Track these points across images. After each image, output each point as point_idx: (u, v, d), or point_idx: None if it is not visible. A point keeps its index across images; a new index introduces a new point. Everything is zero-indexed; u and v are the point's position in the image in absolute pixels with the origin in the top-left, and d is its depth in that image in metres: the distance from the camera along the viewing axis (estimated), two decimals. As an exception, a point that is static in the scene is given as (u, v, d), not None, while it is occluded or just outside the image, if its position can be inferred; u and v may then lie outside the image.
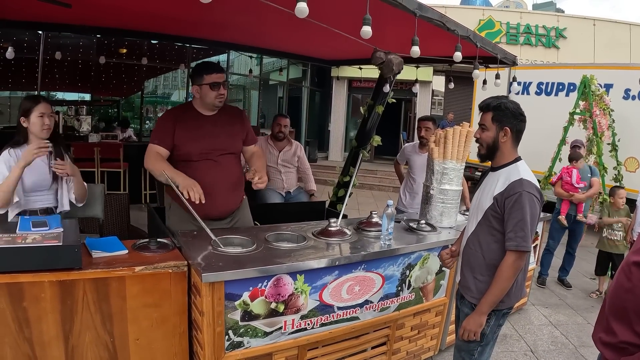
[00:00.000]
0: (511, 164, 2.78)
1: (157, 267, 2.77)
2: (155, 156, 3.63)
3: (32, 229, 2.70)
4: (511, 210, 2.63)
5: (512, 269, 2.64)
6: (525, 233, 2.59)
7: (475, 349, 2.86)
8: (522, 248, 2.59)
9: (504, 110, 2.73)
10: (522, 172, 2.70)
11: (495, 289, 2.68)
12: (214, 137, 3.73)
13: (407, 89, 15.95)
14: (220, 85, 3.64)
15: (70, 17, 4.55)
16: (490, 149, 2.81)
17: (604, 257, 6.32)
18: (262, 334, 2.91)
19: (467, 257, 2.92)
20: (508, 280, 2.65)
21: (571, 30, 18.26)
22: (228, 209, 3.89)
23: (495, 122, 2.76)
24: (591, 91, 9.04)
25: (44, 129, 3.42)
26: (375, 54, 4.30)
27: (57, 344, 2.60)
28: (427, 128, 5.34)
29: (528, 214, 2.60)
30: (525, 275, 2.88)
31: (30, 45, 9.93)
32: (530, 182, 2.65)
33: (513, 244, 2.61)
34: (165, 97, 16.23)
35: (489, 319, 2.79)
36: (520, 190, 2.62)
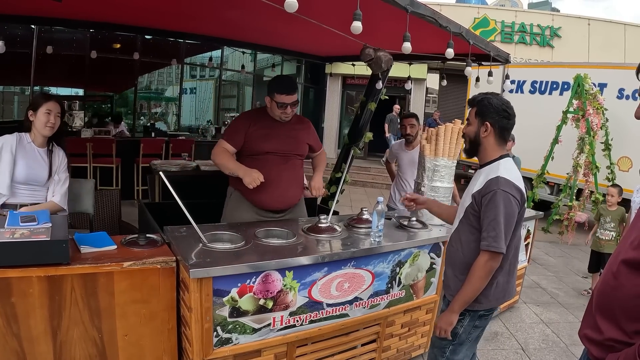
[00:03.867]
0: (494, 161, 2.73)
1: (146, 263, 2.76)
2: (223, 151, 3.89)
3: (20, 223, 2.68)
4: (486, 209, 2.59)
5: (483, 269, 2.58)
6: (497, 233, 2.53)
7: (447, 347, 2.84)
8: (493, 248, 2.53)
9: (486, 105, 2.70)
10: (501, 170, 2.64)
11: (466, 288, 2.63)
12: (282, 139, 3.96)
13: (400, 86, 15.90)
14: (287, 106, 3.88)
15: (63, 11, 4.53)
16: (473, 144, 2.80)
17: (596, 256, 6.33)
18: (250, 331, 2.90)
19: (450, 254, 2.90)
20: (480, 280, 2.60)
21: (566, 30, 18.28)
22: (285, 203, 4.09)
23: (477, 117, 2.74)
24: (585, 90, 9.06)
25: (47, 125, 3.45)
26: (365, 50, 4.30)
27: (46, 339, 2.59)
28: (412, 125, 5.37)
29: (502, 213, 2.53)
30: (509, 278, 2.79)
31: (23, 40, 9.87)
32: (507, 181, 2.58)
33: (485, 243, 2.56)
34: (159, 93, 16.21)
35: (463, 319, 2.76)
36: (495, 188, 2.56)
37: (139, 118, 14.02)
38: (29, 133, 3.49)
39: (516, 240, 2.72)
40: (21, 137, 3.46)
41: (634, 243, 1.64)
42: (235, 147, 3.91)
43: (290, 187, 4.07)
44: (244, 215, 3.96)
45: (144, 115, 14.87)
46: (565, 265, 7.75)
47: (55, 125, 3.49)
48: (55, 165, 3.59)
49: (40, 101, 3.44)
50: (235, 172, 3.75)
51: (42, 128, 3.44)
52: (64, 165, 3.67)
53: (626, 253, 1.67)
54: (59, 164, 3.62)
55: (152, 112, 15.73)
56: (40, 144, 3.52)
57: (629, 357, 1.54)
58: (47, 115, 3.42)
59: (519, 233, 2.75)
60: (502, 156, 2.73)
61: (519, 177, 2.67)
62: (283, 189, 4.00)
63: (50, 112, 3.43)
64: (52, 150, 3.59)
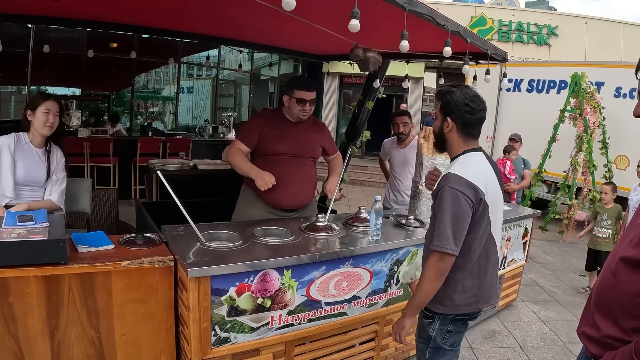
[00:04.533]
0: (458, 157, 2.61)
1: (143, 262, 2.75)
2: (236, 151, 3.96)
3: (17, 223, 2.68)
4: (436, 207, 2.50)
5: (431, 270, 2.43)
6: (441, 232, 2.39)
7: (425, 350, 2.72)
8: (436, 247, 2.39)
9: (448, 99, 2.57)
10: (455, 166, 2.52)
11: (418, 290, 2.51)
12: (296, 141, 4.01)
13: (398, 85, 15.92)
14: (307, 103, 3.90)
15: (60, 10, 4.51)
16: (438, 139, 2.70)
17: (593, 254, 6.34)
18: (248, 330, 2.90)
19: (424, 253, 2.72)
20: (429, 282, 2.45)
21: (563, 28, 18.29)
22: (297, 203, 4.14)
23: (441, 112, 2.63)
24: (582, 89, 9.07)
25: (46, 125, 3.43)
26: (354, 50, 4.30)
27: (43, 339, 2.58)
28: (405, 123, 5.28)
29: (448, 211, 2.38)
30: (480, 282, 2.61)
31: (20, 39, 9.84)
32: (457, 177, 2.42)
33: (432, 242, 2.43)
34: (156, 92, 16.19)
35: (433, 322, 2.64)
36: (443, 185, 2.45)
37: (136, 117, 14.00)
38: (27, 133, 3.47)
39: (481, 241, 2.55)
40: (19, 137, 3.43)
41: (633, 241, 1.64)
42: (250, 147, 3.97)
43: (302, 187, 4.11)
44: (256, 213, 4.02)
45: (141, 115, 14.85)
46: (562, 263, 7.75)
47: (54, 124, 3.47)
48: (54, 165, 3.58)
49: (39, 100, 3.42)
50: (247, 173, 3.82)
51: (42, 128, 3.42)
52: (62, 164, 3.66)
53: (625, 251, 1.66)
54: (57, 163, 3.61)
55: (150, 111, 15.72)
56: (38, 144, 3.50)
57: (625, 355, 1.54)
58: (46, 114, 3.40)
59: (486, 234, 2.56)
60: (467, 151, 2.60)
61: (478, 173, 2.50)
62: (295, 189, 4.04)
63: (49, 112, 3.41)
64: (50, 150, 3.58)
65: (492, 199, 2.52)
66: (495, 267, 2.68)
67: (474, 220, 2.44)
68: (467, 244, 2.45)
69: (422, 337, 2.72)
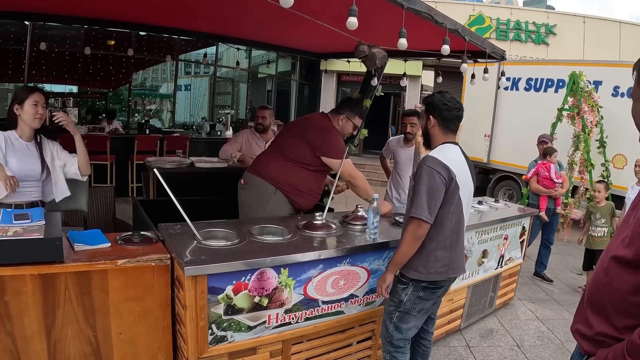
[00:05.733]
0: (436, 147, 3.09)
1: (140, 261, 2.74)
2: None
3: (13, 221, 2.67)
4: (414, 183, 2.95)
5: (409, 234, 2.89)
6: (417, 201, 2.85)
7: (394, 313, 3.13)
8: (413, 214, 2.84)
9: (430, 102, 3.11)
10: (434, 152, 3.00)
11: (397, 250, 2.97)
12: None
13: (395, 83, 15.94)
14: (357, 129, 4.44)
15: (57, 7, 4.50)
16: (425, 136, 3.19)
17: (589, 253, 6.34)
18: (245, 328, 2.89)
19: (402, 230, 3.12)
20: (407, 244, 2.91)
21: (561, 27, 18.30)
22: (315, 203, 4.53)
23: (425, 113, 3.14)
24: (580, 88, 9.07)
25: (36, 117, 3.41)
26: (359, 47, 4.28)
27: (40, 338, 2.58)
28: (413, 124, 5.31)
29: (424, 184, 2.85)
30: (452, 254, 3.03)
31: (17, 37, 9.83)
32: (434, 159, 2.91)
33: (410, 210, 2.90)
34: (153, 90, 16.14)
35: (406, 287, 3.05)
36: (422, 164, 2.92)
37: (133, 115, 13.96)
38: (14, 130, 3.44)
39: (454, 217, 2.99)
40: (7, 136, 3.39)
41: (625, 240, 1.66)
42: None
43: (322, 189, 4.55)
44: (284, 214, 4.21)
45: (139, 112, 14.79)
46: (560, 262, 7.76)
47: (43, 116, 3.46)
48: (48, 155, 3.56)
49: (26, 94, 3.39)
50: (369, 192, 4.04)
51: (31, 120, 3.40)
52: (58, 148, 3.66)
53: (616, 250, 1.69)
54: (54, 151, 3.60)
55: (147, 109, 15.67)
56: (28, 138, 3.47)
57: (617, 354, 1.56)
58: (34, 106, 3.38)
59: (458, 211, 3.00)
60: (444, 143, 3.08)
61: (451, 159, 2.96)
62: (321, 191, 4.50)
63: (38, 103, 3.39)
64: (41, 142, 3.55)
65: (462, 181, 2.98)
66: (462, 244, 3.17)
67: (446, 196, 2.90)
68: (440, 217, 2.92)
69: (394, 301, 3.12)
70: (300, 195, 4.21)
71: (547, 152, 6.79)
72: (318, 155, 4.10)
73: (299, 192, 4.20)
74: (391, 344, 3.17)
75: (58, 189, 3.64)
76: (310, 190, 4.28)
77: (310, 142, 4.11)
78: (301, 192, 4.21)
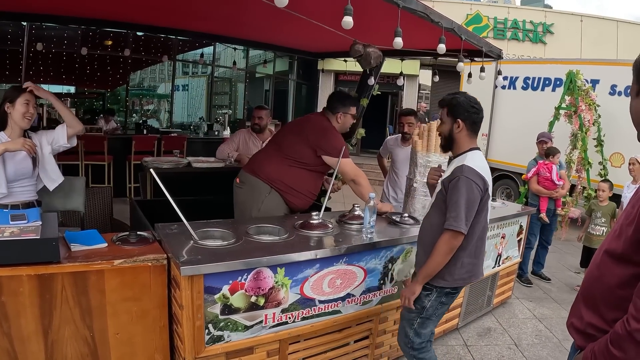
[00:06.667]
0: (464, 153, 2.98)
1: (137, 261, 2.74)
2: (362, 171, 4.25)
3: (10, 222, 2.67)
4: (450, 193, 2.85)
5: (444, 245, 2.83)
6: (457, 214, 2.78)
7: (415, 320, 3.09)
8: (452, 227, 2.77)
9: (456, 104, 2.96)
10: (467, 160, 2.89)
11: (430, 261, 2.88)
12: None
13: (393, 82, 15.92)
14: None
15: (54, 8, 4.50)
16: (447, 140, 3.05)
17: (587, 251, 6.34)
18: (242, 328, 2.89)
19: (421, 235, 3.13)
20: (441, 255, 2.85)
21: (558, 26, 18.31)
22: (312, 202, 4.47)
23: (449, 116, 2.99)
24: (577, 86, 9.07)
25: (26, 117, 3.42)
26: (354, 46, 4.28)
27: (37, 338, 2.58)
28: (410, 123, 5.30)
29: (463, 197, 2.78)
30: (475, 260, 3.04)
31: (14, 37, 9.82)
32: (471, 169, 2.83)
33: (447, 222, 2.80)
34: (151, 90, 16.15)
35: (430, 294, 3.01)
36: (459, 175, 2.82)
37: (130, 115, 13.97)
38: (3, 131, 3.43)
39: (481, 225, 2.97)
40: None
41: (615, 234, 1.73)
42: None
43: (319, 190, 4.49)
44: (279, 214, 4.17)
45: (136, 112, 14.81)
46: (558, 261, 7.77)
47: (32, 116, 3.47)
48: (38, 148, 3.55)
49: (17, 93, 3.40)
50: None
51: (21, 119, 3.39)
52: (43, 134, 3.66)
53: (608, 244, 1.75)
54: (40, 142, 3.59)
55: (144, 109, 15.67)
56: (17, 137, 3.45)
57: (601, 346, 1.62)
58: (25, 105, 3.39)
59: (485, 220, 3.00)
60: (472, 148, 3.00)
61: (484, 168, 2.91)
62: (317, 192, 4.43)
63: (29, 102, 3.41)
64: (30, 139, 3.55)
65: (490, 190, 2.95)
66: (484, 249, 3.15)
67: (479, 206, 2.87)
68: (471, 227, 2.86)
69: (416, 307, 3.03)
70: (297, 195, 4.19)
71: (550, 152, 6.59)
72: (320, 154, 4.08)
73: (296, 192, 4.17)
74: (413, 348, 3.15)
75: (48, 175, 3.63)
76: (307, 191, 4.25)
77: (311, 142, 4.10)
78: (298, 193, 4.18)
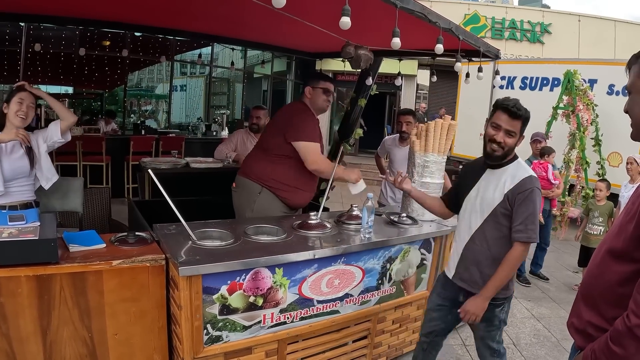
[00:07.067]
0: (512, 161, 2.94)
1: (135, 261, 2.74)
2: (323, 156, 4.02)
3: (8, 223, 2.67)
4: (523, 205, 2.79)
5: (519, 259, 2.84)
6: (535, 226, 2.80)
7: (497, 334, 3.09)
8: (533, 240, 2.80)
9: (527, 119, 2.95)
10: (528, 169, 2.90)
11: (501, 276, 2.82)
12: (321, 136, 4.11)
13: (391, 82, 15.95)
14: (330, 93, 4.07)
15: (52, 8, 4.50)
16: (508, 153, 2.93)
17: (585, 250, 6.35)
18: (241, 328, 2.90)
19: (473, 253, 3.00)
20: (513, 269, 2.86)
21: (556, 26, 18.34)
22: (309, 200, 4.34)
23: (521, 130, 2.94)
24: (575, 86, 9.09)
25: (18, 114, 3.40)
26: (346, 48, 4.28)
27: (35, 339, 2.57)
28: (408, 122, 5.29)
29: (537, 208, 2.80)
30: None
31: (12, 38, 9.81)
32: (537, 179, 2.86)
33: (524, 235, 2.78)
34: (149, 90, 16.15)
35: (503, 306, 3.01)
36: (531, 186, 2.80)
37: (129, 116, 13.97)
38: (1, 132, 3.43)
39: None
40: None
41: (614, 232, 1.74)
42: None
43: (314, 184, 4.31)
44: (274, 213, 4.06)
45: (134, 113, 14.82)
46: (556, 260, 7.78)
47: (27, 115, 3.45)
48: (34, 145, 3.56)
49: (13, 92, 3.42)
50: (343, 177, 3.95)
51: (13, 117, 3.39)
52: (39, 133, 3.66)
53: (609, 242, 1.76)
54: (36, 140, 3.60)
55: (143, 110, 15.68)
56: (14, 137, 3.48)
57: (602, 343, 1.62)
58: (19, 104, 3.39)
59: None
60: (515, 155, 2.98)
61: None
62: (311, 187, 4.25)
63: (23, 101, 3.40)
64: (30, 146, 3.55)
65: None
66: None
67: None
68: None
69: (494, 324, 3.03)
70: (290, 190, 4.07)
71: (545, 151, 6.68)
72: (289, 140, 3.95)
73: (288, 187, 4.06)
74: (499, 355, 3.15)
75: (44, 173, 3.64)
76: (300, 184, 4.10)
77: (280, 129, 4.01)
78: (290, 187, 4.07)
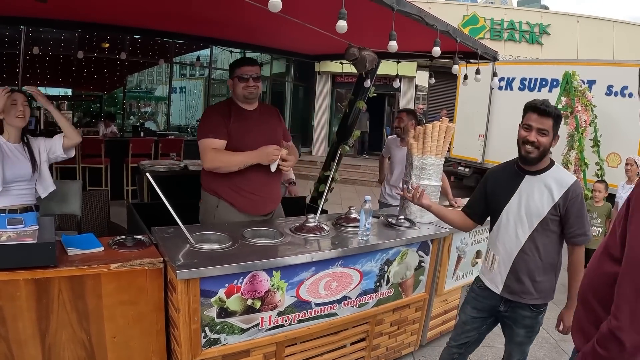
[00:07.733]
0: (551, 166, 2.92)
1: (133, 264, 2.74)
2: (217, 151, 3.61)
3: (7, 226, 2.67)
4: (576, 209, 2.83)
5: (583, 260, 2.95)
6: (589, 227, 2.93)
7: (531, 338, 3.20)
8: (588, 239, 2.92)
9: (560, 118, 2.86)
10: (569, 174, 2.93)
11: (577, 281, 2.89)
12: (260, 130, 3.78)
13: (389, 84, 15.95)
14: (250, 79, 3.70)
15: (51, 11, 4.50)
16: (544, 154, 2.87)
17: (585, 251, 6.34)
18: (239, 331, 2.91)
19: (525, 263, 2.99)
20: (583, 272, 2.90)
21: (555, 27, 18.36)
22: (276, 203, 4.04)
23: (554, 129, 2.84)
24: (573, 87, 9.10)
25: (17, 116, 3.42)
26: (349, 50, 4.28)
27: (34, 342, 2.58)
28: (400, 119, 5.37)
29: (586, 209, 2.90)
30: None
31: (11, 40, 9.83)
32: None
33: (586, 238, 2.90)
34: (148, 92, 16.16)
35: (543, 311, 3.13)
36: (580, 191, 2.85)
37: (128, 118, 13.99)
38: (1, 135, 3.46)
39: None
40: None
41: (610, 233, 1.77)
42: (224, 139, 3.64)
43: (277, 184, 4.02)
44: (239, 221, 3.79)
45: (134, 115, 14.83)
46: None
47: (25, 114, 3.46)
48: (36, 150, 3.58)
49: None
50: (248, 161, 3.57)
51: (13, 119, 3.41)
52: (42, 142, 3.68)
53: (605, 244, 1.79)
54: (39, 147, 3.62)
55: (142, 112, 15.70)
56: (15, 140, 3.49)
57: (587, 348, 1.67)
58: (14, 106, 3.40)
59: None
60: (552, 160, 2.96)
61: None
62: (273, 188, 3.94)
63: (17, 102, 3.41)
64: (28, 142, 3.57)
65: None
66: None
67: None
68: None
69: (535, 330, 3.16)
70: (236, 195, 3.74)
71: None
72: None
73: (231, 191, 3.73)
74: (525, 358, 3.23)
75: (43, 182, 3.66)
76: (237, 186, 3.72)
77: None
78: (232, 191, 3.74)
